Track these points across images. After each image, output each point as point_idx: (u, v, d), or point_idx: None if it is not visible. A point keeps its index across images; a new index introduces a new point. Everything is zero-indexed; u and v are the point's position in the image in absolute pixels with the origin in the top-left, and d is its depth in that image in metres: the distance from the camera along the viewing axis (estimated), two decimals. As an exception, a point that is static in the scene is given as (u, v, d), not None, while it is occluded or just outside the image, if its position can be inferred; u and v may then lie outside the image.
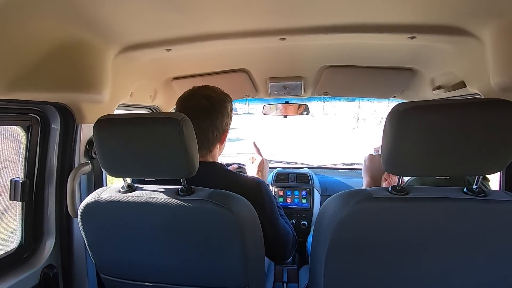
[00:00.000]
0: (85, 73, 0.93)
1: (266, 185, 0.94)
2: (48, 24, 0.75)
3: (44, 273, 0.98)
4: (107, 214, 0.79)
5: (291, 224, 1.02)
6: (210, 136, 0.94)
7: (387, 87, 1.55)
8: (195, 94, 0.96)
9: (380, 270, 0.70)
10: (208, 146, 0.95)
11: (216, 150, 0.99)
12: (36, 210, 1.02)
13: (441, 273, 0.69)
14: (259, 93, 1.76)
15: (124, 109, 1.42)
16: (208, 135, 0.94)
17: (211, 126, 0.94)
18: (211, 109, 0.94)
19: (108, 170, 0.79)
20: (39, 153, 1.01)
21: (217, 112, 0.95)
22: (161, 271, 0.82)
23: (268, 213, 0.90)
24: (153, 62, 1.25)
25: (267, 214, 0.90)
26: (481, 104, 0.62)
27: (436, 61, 1.16)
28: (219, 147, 1.01)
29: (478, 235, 0.65)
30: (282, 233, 0.95)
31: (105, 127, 0.74)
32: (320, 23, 0.91)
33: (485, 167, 0.65)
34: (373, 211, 0.67)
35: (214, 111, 0.94)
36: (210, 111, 0.94)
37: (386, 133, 0.67)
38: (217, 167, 0.95)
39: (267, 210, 0.90)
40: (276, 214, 0.94)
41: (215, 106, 0.95)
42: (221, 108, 0.96)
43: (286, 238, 0.96)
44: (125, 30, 0.92)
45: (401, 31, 0.91)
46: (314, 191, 1.91)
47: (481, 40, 0.86)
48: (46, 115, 0.99)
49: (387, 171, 0.70)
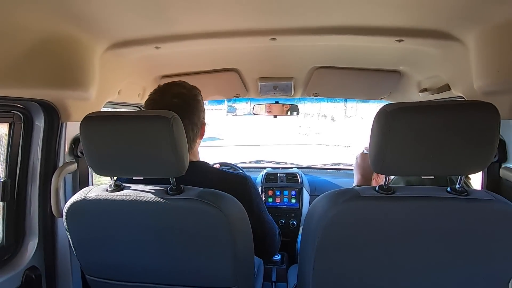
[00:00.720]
0: (71, 69, 0.91)
1: (252, 180, 0.94)
2: (33, 17, 0.72)
3: (26, 275, 0.95)
4: (94, 214, 0.77)
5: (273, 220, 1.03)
6: (191, 134, 0.92)
7: (375, 88, 1.58)
8: (165, 94, 0.92)
9: (367, 268, 0.72)
10: (190, 144, 0.93)
11: (197, 146, 0.98)
12: (18, 210, 0.99)
13: (426, 270, 0.70)
14: (250, 92, 1.76)
15: (112, 107, 1.39)
16: (188, 133, 0.90)
17: (190, 123, 0.91)
18: (185, 107, 0.90)
19: (95, 169, 0.77)
20: (22, 152, 0.98)
21: (192, 109, 0.92)
22: (149, 271, 0.81)
23: (255, 208, 0.90)
24: (142, 60, 1.23)
25: (255, 209, 0.90)
26: (464, 106, 0.64)
27: (423, 64, 1.19)
28: (198, 143, 0.99)
29: (461, 233, 0.67)
30: (270, 227, 0.96)
31: (92, 124, 0.72)
32: (310, 24, 0.91)
33: (467, 167, 0.67)
34: (360, 210, 0.68)
35: (189, 108, 0.91)
36: (185, 109, 0.90)
37: (374, 133, 0.68)
38: (201, 165, 0.94)
39: (254, 205, 0.90)
40: (263, 208, 0.95)
41: (189, 103, 0.92)
42: (195, 103, 0.94)
43: (273, 231, 0.98)
44: (113, 26, 0.90)
45: (389, 34, 0.93)
46: (303, 191, 1.92)
47: (465, 44, 0.89)
48: (29, 112, 0.96)
49: (374, 171, 0.71)
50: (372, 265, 0.71)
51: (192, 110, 0.92)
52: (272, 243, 0.98)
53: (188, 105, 0.92)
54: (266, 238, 0.95)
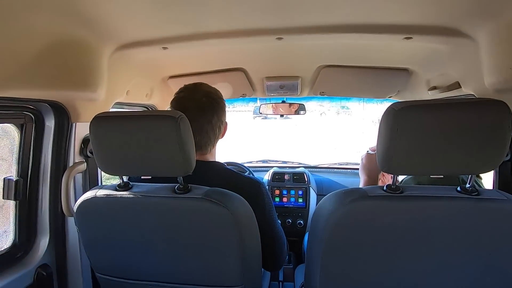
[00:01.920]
0: (80, 71, 0.92)
1: (265, 186, 0.94)
2: (44, 21, 0.74)
3: (38, 273, 0.97)
4: (103, 212, 0.78)
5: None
6: (217, 132, 0.94)
7: (383, 87, 1.56)
8: (194, 92, 0.94)
9: (375, 268, 0.71)
10: (215, 141, 0.95)
11: (216, 146, 0.99)
12: (30, 209, 1.01)
13: (435, 270, 0.69)
14: (256, 92, 1.76)
15: (120, 108, 1.41)
16: (215, 130, 0.94)
17: (218, 121, 0.94)
18: (215, 105, 0.93)
19: (104, 168, 0.78)
20: (33, 152, 1.00)
21: (220, 107, 0.95)
22: (157, 270, 0.82)
23: (267, 214, 0.90)
24: (150, 61, 1.24)
25: (266, 214, 0.90)
26: (475, 104, 0.63)
27: (432, 61, 1.17)
28: None
29: (471, 233, 0.66)
30: (279, 236, 0.95)
31: (101, 124, 0.73)
32: (317, 23, 0.91)
33: (478, 166, 0.66)
34: (368, 210, 0.68)
35: (218, 106, 0.94)
36: (214, 107, 0.93)
37: (381, 133, 0.67)
38: (217, 166, 0.95)
39: (266, 211, 0.90)
40: (275, 216, 0.94)
41: (217, 102, 0.95)
42: (222, 103, 0.97)
43: (282, 241, 0.97)
44: (121, 27, 0.91)
45: (397, 31, 0.92)
46: (310, 190, 1.92)
47: (476, 41, 0.87)
48: (40, 113, 0.98)
49: (382, 170, 0.70)
50: (380, 265, 0.71)
51: (221, 108, 0.95)
52: (280, 252, 0.96)
53: (217, 104, 0.94)
54: (275, 246, 0.94)
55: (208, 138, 0.93)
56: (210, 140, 0.93)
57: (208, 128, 0.91)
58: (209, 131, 0.92)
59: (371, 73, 1.40)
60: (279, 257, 0.97)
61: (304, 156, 4.50)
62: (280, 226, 0.97)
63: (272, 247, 0.93)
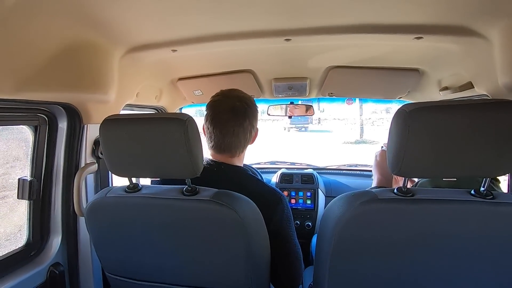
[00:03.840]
0: (92, 73, 0.94)
1: (286, 200, 0.93)
2: (56, 25, 0.76)
3: (50, 271, 1.00)
4: (113, 213, 0.79)
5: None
6: (248, 136, 0.95)
7: (393, 88, 1.54)
8: (229, 97, 0.95)
9: (385, 271, 0.70)
10: (245, 144, 0.96)
11: (245, 150, 1.00)
12: (43, 209, 1.04)
13: (446, 275, 0.68)
14: (264, 93, 1.76)
15: (130, 110, 1.43)
16: (246, 134, 0.94)
17: (249, 125, 0.94)
18: (248, 110, 0.94)
19: (113, 170, 0.79)
20: (47, 153, 1.02)
21: (253, 112, 0.96)
22: (166, 271, 0.82)
23: (284, 227, 0.89)
24: (159, 63, 1.26)
25: (284, 228, 0.89)
26: (489, 105, 0.61)
27: (443, 61, 1.14)
28: None
29: (484, 238, 0.64)
30: (296, 254, 0.92)
31: (111, 127, 0.75)
32: (325, 24, 0.90)
33: (492, 169, 0.64)
34: (378, 213, 0.67)
35: (251, 111, 0.95)
36: (248, 112, 0.94)
37: (392, 134, 0.66)
38: (241, 171, 0.95)
39: (284, 224, 0.89)
40: (292, 231, 0.92)
41: (251, 107, 0.96)
42: (255, 109, 0.98)
43: (296, 256, 0.93)
44: (131, 31, 0.93)
45: (408, 31, 0.90)
46: (319, 192, 1.90)
47: (489, 40, 0.85)
48: (53, 115, 1.01)
49: (393, 173, 0.69)
50: (389, 268, 0.69)
51: (253, 113, 0.96)
52: (295, 271, 0.93)
53: (250, 109, 0.95)
54: (290, 264, 0.92)
55: (239, 141, 0.93)
56: (240, 143, 0.94)
57: (239, 131, 0.92)
58: (240, 135, 0.92)
59: (380, 73, 1.39)
60: (293, 277, 0.93)
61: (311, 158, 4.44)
62: (296, 241, 0.94)
63: (287, 265, 0.91)
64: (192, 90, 1.62)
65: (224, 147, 0.93)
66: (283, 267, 0.91)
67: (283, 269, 0.91)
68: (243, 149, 0.97)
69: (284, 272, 0.92)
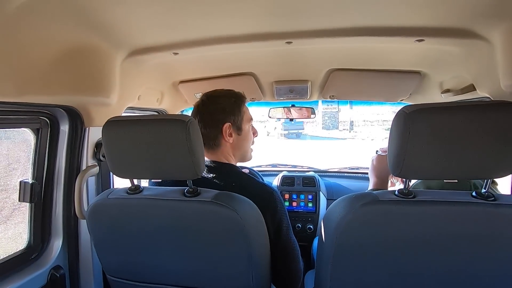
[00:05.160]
0: (93, 76, 0.95)
1: (279, 194, 0.93)
2: (58, 29, 0.76)
3: (51, 274, 0.99)
4: (114, 215, 0.79)
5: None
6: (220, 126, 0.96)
7: (394, 90, 1.54)
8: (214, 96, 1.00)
9: (386, 273, 0.69)
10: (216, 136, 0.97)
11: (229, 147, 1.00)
12: (44, 211, 1.04)
13: (448, 276, 0.67)
14: (265, 96, 1.76)
15: (132, 112, 1.44)
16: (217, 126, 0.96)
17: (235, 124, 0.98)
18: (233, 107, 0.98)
19: (115, 171, 0.80)
20: (48, 155, 1.03)
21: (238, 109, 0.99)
22: (167, 272, 0.82)
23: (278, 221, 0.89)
24: (160, 66, 1.26)
25: (278, 222, 0.89)
26: (490, 106, 0.61)
27: (445, 64, 1.14)
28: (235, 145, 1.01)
29: (486, 239, 0.64)
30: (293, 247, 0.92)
31: (113, 128, 0.75)
32: (327, 27, 0.90)
33: (494, 171, 0.64)
34: (379, 214, 0.66)
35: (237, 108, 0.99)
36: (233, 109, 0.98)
37: (392, 136, 0.66)
38: (231, 168, 0.96)
39: (277, 219, 0.89)
40: (287, 223, 0.92)
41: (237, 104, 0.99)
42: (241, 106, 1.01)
43: (295, 251, 0.93)
44: (133, 34, 0.93)
45: (409, 34, 0.90)
46: (320, 195, 1.89)
47: (490, 42, 0.84)
48: (55, 117, 1.01)
49: (394, 174, 0.69)
50: (390, 270, 0.69)
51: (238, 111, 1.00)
52: (294, 265, 0.93)
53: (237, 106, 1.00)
54: (288, 257, 0.91)
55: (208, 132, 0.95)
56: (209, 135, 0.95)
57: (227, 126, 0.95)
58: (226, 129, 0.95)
59: (382, 76, 1.39)
60: (292, 271, 0.93)
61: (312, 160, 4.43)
62: (293, 236, 0.94)
63: (285, 259, 0.91)
64: (194, 93, 1.62)
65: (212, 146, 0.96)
66: (281, 262, 0.90)
67: (281, 264, 0.91)
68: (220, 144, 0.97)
69: (283, 268, 0.92)
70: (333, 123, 29.07)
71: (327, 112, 29.30)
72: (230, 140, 0.97)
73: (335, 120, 29.51)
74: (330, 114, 29.39)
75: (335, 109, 28.97)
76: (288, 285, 0.94)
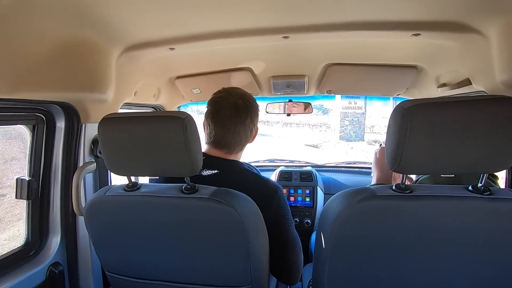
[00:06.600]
0: (89, 72, 0.94)
1: (282, 191, 0.94)
2: (53, 24, 0.75)
3: (50, 271, 1.00)
4: (112, 212, 0.79)
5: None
6: (249, 133, 0.96)
7: (391, 85, 1.54)
8: (231, 94, 0.96)
9: (383, 267, 0.70)
10: (245, 142, 0.97)
11: (244, 149, 1.00)
12: (42, 208, 1.03)
13: (444, 271, 0.68)
14: (263, 91, 1.76)
15: (128, 108, 1.43)
16: (247, 132, 0.95)
17: (251, 123, 0.95)
18: (250, 107, 0.95)
19: (112, 168, 0.79)
20: (45, 152, 1.02)
21: (254, 110, 0.97)
22: (165, 269, 0.82)
23: (280, 218, 0.90)
24: (157, 61, 1.25)
25: (279, 218, 0.89)
26: (487, 101, 0.61)
27: (441, 58, 1.15)
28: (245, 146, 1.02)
29: (482, 234, 0.65)
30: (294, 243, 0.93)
31: (109, 125, 0.74)
32: (323, 21, 0.90)
33: (490, 165, 0.64)
34: (376, 209, 0.67)
35: (253, 109, 0.96)
36: (249, 109, 0.95)
37: (390, 131, 0.66)
38: (238, 165, 0.96)
39: (279, 215, 0.89)
40: (288, 221, 0.93)
41: (252, 105, 0.96)
42: (256, 108, 0.98)
43: (295, 247, 0.94)
44: (129, 29, 0.92)
45: (405, 28, 0.91)
46: (318, 189, 1.91)
47: (486, 37, 0.85)
48: (51, 114, 1.00)
49: (391, 169, 0.69)
50: (388, 264, 0.70)
51: (255, 111, 0.97)
52: (294, 260, 0.94)
53: (252, 107, 0.96)
54: (287, 254, 0.92)
55: (240, 139, 0.94)
56: (241, 141, 0.95)
57: (240, 128, 0.93)
58: (241, 132, 0.93)
59: (379, 70, 1.39)
60: (293, 267, 0.94)
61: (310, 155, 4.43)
62: (296, 234, 0.95)
63: (284, 255, 0.92)
64: (190, 88, 1.61)
65: (224, 144, 0.93)
66: (281, 257, 0.91)
67: (282, 262, 0.92)
68: (242, 147, 0.98)
69: (283, 264, 0.93)
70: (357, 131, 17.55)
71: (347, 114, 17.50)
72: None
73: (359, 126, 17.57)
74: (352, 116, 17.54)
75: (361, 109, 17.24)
76: (289, 277, 0.96)
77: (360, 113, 17.35)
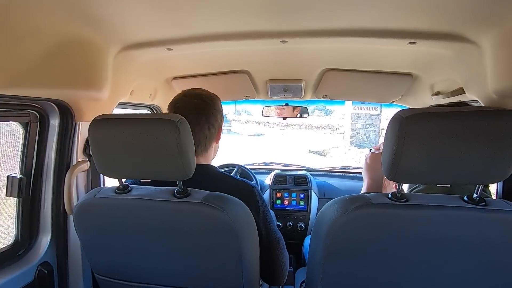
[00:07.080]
0: (85, 70, 0.93)
1: (259, 190, 0.94)
2: (49, 20, 0.75)
3: (39, 270, 0.98)
4: (102, 215, 0.78)
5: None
6: (207, 133, 0.95)
7: (387, 91, 1.56)
8: (187, 96, 0.97)
9: (378, 275, 0.70)
10: (205, 143, 0.95)
11: (211, 150, 0.99)
12: (33, 207, 1.02)
13: (439, 280, 0.69)
14: (259, 94, 1.76)
15: (124, 108, 1.42)
16: (204, 132, 0.94)
17: (207, 122, 0.94)
18: (204, 106, 0.95)
19: (103, 171, 0.78)
20: (37, 150, 1.00)
21: (210, 108, 0.96)
22: (156, 273, 0.81)
23: (261, 217, 0.90)
24: (154, 61, 1.25)
25: (261, 218, 0.90)
26: (484, 113, 0.62)
27: (436, 67, 1.16)
28: (214, 147, 1.01)
29: (477, 244, 0.65)
30: (278, 241, 0.94)
31: (100, 127, 0.74)
32: (321, 27, 0.91)
33: (486, 177, 0.65)
34: (372, 217, 0.67)
35: (208, 107, 0.96)
36: (204, 108, 0.95)
37: (388, 140, 0.67)
38: (210, 169, 0.95)
39: (260, 214, 0.90)
40: (270, 219, 0.93)
41: (207, 103, 0.96)
42: (213, 104, 0.98)
43: (280, 245, 0.94)
44: (126, 28, 0.92)
45: (401, 36, 0.92)
46: (312, 193, 1.91)
47: (480, 47, 0.86)
48: (45, 111, 0.99)
49: (388, 178, 0.69)
50: (382, 272, 0.70)
51: (210, 109, 0.96)
52: (280, 259, 0.94)
53: (207, 105, 0.96)
54: (273, 251, 0.92)
55: (197, 139, 0.92)
56: (206, 138, 0.95)
57: (195, 129, 0.89)
58: (196, 132, 0.90)
59: (374, 77, 1.40)
60: (278, 265, 0.94)
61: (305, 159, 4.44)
62: (276, 229, 0.96)
63: (270, 253, 0.92)
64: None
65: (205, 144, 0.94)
66: (267, 258, 0.91)
67: (268, 260, 0.92)
68: (206, 148, 0.96)
69: (269, 263, 0.93)
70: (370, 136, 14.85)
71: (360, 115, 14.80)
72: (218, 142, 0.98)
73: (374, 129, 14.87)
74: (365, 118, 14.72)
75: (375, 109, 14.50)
76: (275, 277, 0.96)
77: (375, 115, 14.71)
